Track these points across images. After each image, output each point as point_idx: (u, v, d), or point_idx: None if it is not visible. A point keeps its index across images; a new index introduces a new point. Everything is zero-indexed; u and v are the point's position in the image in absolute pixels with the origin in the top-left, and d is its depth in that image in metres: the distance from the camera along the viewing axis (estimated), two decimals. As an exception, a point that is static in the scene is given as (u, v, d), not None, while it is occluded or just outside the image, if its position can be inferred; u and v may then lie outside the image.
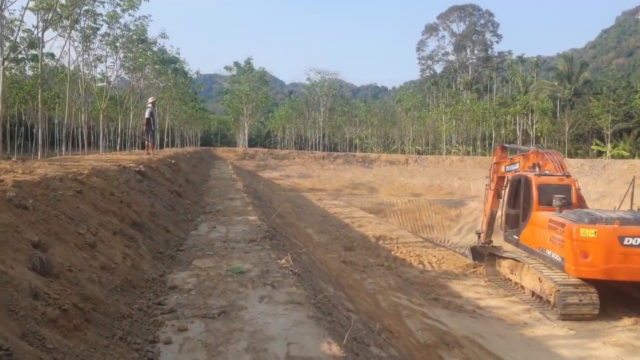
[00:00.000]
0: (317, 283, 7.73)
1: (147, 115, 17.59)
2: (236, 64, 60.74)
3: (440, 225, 38.00)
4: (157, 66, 37.74)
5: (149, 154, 17.48)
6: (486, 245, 19.23)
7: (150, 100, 18.55)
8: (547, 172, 14.49)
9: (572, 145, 62.55)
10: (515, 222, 15.08)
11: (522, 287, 14.46)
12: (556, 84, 77.51)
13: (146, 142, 18.55)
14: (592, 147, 56.80)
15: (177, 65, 44.14)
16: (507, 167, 17.44)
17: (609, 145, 53.47)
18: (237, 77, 61.11)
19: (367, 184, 45.08)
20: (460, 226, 37.30)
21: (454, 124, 69.37)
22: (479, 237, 19.56)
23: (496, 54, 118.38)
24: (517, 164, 16.80)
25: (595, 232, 11.79)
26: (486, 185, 19.54)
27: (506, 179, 16.74)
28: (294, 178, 45.80)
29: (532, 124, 69.94)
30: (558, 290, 12.45)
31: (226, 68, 61.77)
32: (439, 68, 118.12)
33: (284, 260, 7.12)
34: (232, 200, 14.59)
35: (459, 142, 71.90)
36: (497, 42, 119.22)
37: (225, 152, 51.83)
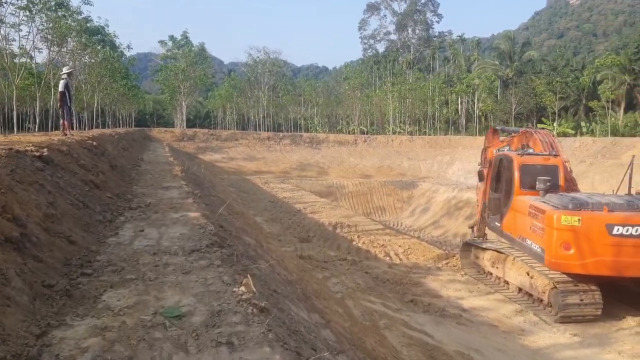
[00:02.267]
0: (288, 313, 5.47)
1: (61, 88, 14.61)
2: (171, 37, 56.65)
3: (392, 207, 36.61)
4: (82, 39, 33.92)
5: (65, 134, 14.54)
6: (480, 239, 17.30)
7: (65, 70, 15.56)
8: (531, 150, 12.74)
9: (516, 124, 62.57)
10: (498, 207, 13.31)
11: (507, 282, 12.75)
12: (497, 63, 77.77)
13: (61, 120, 15.53)
14: (539, 125, 56.82)
15: (104, 37, 40.08)
16: (498, 150, 15.66)
17: (555, 124, 53.53)
18: (173, 53, 57.00)
19: (316, 166, 42.99)
20: (412, 208, 36.02)
21: (400, 103, 68.10)
22: (472, 230, 17.52)
23: (437, 34, 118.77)
24: (508, 146, 15.08)
25: (579, 219, 10.08)
26: (479, 171, 17.59)
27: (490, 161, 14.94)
28: (238, 160, 43.07)
29: (475, 103, 69.76)
30: (555, 288, 10.76)
31: (160, 42, 57.51)
32: (381, 47, 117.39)
33: (242, 288, 4.80)
34: (168, 189, 12.01)
35: (403, 121, 70.79)
36: (438, 22, 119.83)
37: (162, 133, 48.24)
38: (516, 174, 12.24)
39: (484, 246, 13.53)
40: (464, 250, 14.51)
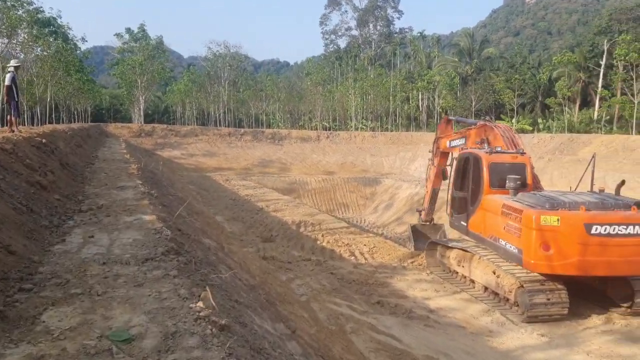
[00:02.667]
0: (251, 328, 5.06)
1: (7, 82, 13.70)
2: (128, 30, 54.96)
3: (355, 204, 36.46)
4: (33, 30, 32.47)
5: (12, 131, 13.65)
6: (427, 223, 17.70)
7: (12, 63, 14.63)
8: (499, 149, 12.62)
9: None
10: (463, 206, 13.15)
11: (472, 281, 12.62)
12: (457, 60, 78.80)
13: (8, 116, 14.59)
14: (498, 122, 57.69)
15: (56, 29, 38.50)
16: (451, 141, 15.53)
17: (513, 120, 54.46)
18: (130, 46, 55.31)
19: (278, 162, 42.47)
20: (375, 204, 35.96)
21: (362, 99, 68.15)
22: (420, 214, 17.94)
23: (397, 30, 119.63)
24: (463, 139, 14.94)
25: (558, 219, 9.97)
26: (429, 160, 17.70)
27: (451, 155, 14.77)
28: (198, 157, 42.14)
29: (435, 99, 70.47)
30: (521, 287, 10.65)
31: (117, 35, 55.67)
32: (342, 43, 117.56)
33: (200, 304, 4.36)
34: (123, 189, 11.38)
35: (365, 118, 70.89)
36: (399, 18, 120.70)
37: (118, 128, 46.79)
38: (485, 173, 12.08)
39: (450, 245, 13.37)
40: (430, 249, 14.34)
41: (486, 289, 12.04)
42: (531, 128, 54.13)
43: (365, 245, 16.53)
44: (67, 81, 44.36)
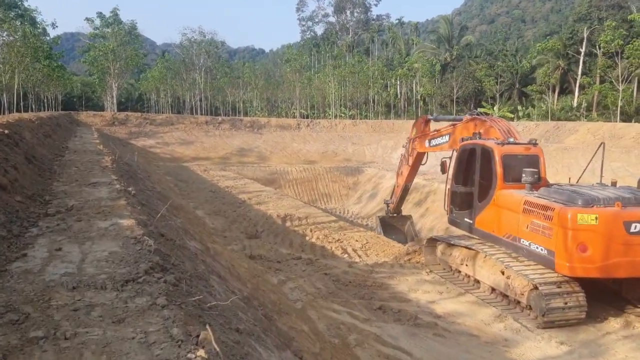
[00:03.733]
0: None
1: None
2: (100, 15, 52.68)
3: (338, 194, 35.58)
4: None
5: (-30, 121, 12.29)
6: (395, 215, 18.04)
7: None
8: (511, 140, 11.74)
9: (456, 108, 63.09)
10: (467, 202, 12.26)
11: (477, 281, 11.79)
12: (436, 47, 78.16)
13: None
14: (480, 109, 57.28)
15: (23, 12, 36.48)
16: (431, 140, 14.69)
17: (495, 108, 54.07)
18: (102, 31, 53.11)
19: (257, 151, 41.25)
20: (359, 194, 35.13)
21: (341, 86, 67.08)
22: (388, 206, 17.96)
23: (375, 17, 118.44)
24: (447, 136, 14.07)
25: (596, 217, 9.13)
26: (402, 155, 17.03)
27: (452, 151, 13.80)
28: (174, 146, 40.65)
29: (413, 87, 69.82)
30: (535, 290, 9.84)
31: (87, 20, 53.27)
32: (319, 30, 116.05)
33: (200, 353, 3.33)
34: (96, 186, 10.20)
35: (344, 105, 69.88)
36: (376, 4, 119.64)
37: (90, 117, 44.89)
38: (498, 166, 11.17)
39: (452, 242, 12.49)
40: (429, 246, 13.46)
41: (493, 290, 11.23)
42: (512, 115, 53.82)
43: (357, 241, 15.59)
44: (36, 68, 42.32)
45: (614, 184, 10.93)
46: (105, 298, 4.32)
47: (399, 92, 73.16)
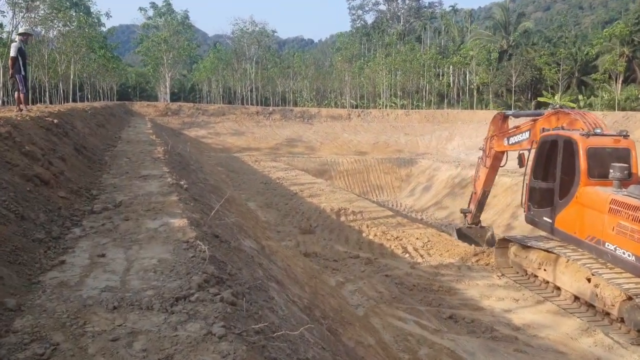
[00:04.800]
0: None
1: (12, 52, 11.93)
2: (153, 5, 53.08)
3: (390, 186, 34.48)
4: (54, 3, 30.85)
5: (21, 109, 11.95)
6: (473, 226, 15.79)
7: (20, 30, 12.91)
8: (598, 130, 10.47)
9: (512, 98, 60.52)
10: (547, 199, 11.05)
11: (557, 288, 10.61)
12: (491, 34, 75.22)
13: (15, 93, 12.87)
14: (540, 99, 54.75)
15: (77, 2, 36.85)
16: (510, 138, 13.31)
17: (556, 97, 51.44)
18: (155, 21, 53.48)
19: (307, 142, 40.55)
20: (412, 187, 33.93)
21: (392, 75, 65.47)
22: (465, 216, 16.05)
23: (427, 4, 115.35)
24: (527, 133, 12.72)
25: None
26: (479, 158, 15.54)
27: (532, 142, 12.49)
28: (226, 136, 40.44)
29: (467, 76, 67.40)
30: (629, 301, 8.63)
31: (141, 10, 53.80)
32: (369, 18, 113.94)
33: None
34: (147, 180, 9.61)
35: (396, 95, 68.22)
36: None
37: (144, 107, 45.27)
38: (582, 160, 9.94)
39: (528, 244, 11.32)
40: (500, 247, 12.33)
41: (577, 299, 10.04)
42: (574, 105, 51.01)
43: (417, 239, 14.57)
44: (91, 58, 42.89)
45: None
46: (152, 323, 3.58)
47: (451, 81, 70.89)
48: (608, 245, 9.19)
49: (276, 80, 67.80)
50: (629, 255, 8.70)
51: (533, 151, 11.71)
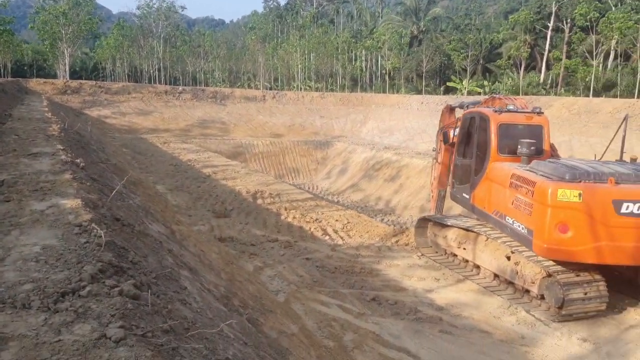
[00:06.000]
0: None
1: None
2: (50, -26, 48.88)
3: (306, 168, 34.14)
4: None
5: None
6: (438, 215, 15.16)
7: None
8: (510, 107, 10.50)
9: (420, 83, 62.06)
10: (467, 175, 11.02)
11: (477, 267, 10.62)
12: (402, 19, 76.74)
13: None
14: (449, 84, 56.48)
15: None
16: (455, 130, 12.99)
17: (465, 82, 53.23)
18: (52, -8, 49.33)
19: (221, 123, 39.20)
20: (328, 169, 33.80)
21: (306, 58, 64.97)
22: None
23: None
24: None
25: (579, 194, 7.96)
26: (432, 158, 14.75)
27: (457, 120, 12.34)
28: (131, 116, 38.19)
29: (379, 60, 68.32)
30: (549, 278, 8.71)
31: (36, -20, 49.29)
32: (282, 0, 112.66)
33: None
34: (37, 157, 8.44)
35: (310, 78, 67.89)
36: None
37: (41, 84, 41.74)
38: (493, 136, 9.95)
39: (447, 223, 11.25)
40: (420, 227, 12.20)
41: (496, 277, 10.07)
42: (480, 90, 53.14)
43: (337, 220, 14.22)
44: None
45: (633, 160, 9.81)
46: (27, 325, 2.80)
47: (364, 66, 71.57)
48: (508, 219, 9.25)
49: (186, 60, 65.21)
50: (522, 228, 8.78)
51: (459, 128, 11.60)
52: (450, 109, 13.67)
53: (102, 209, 5.72)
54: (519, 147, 9.76)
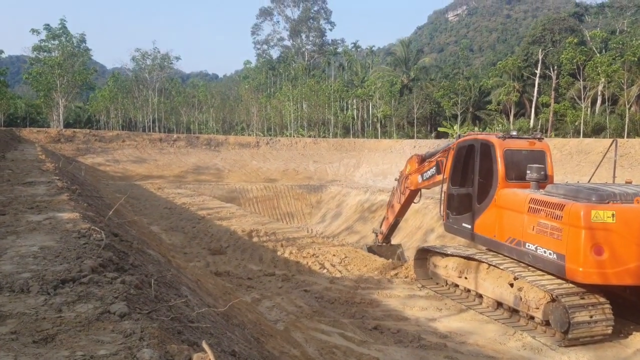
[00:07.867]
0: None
1: None
2: (46, 26, 49.74)
3: (300, 212, 33.94)
4: None
5: None
6: (384, 244, 15.65)
7: None
8: (514, 133, 10.56)
9: (411, 130, 62.87)
10: (466, 205, 10.92)
11: (480, 296, 10.40)
12: (392, 69, 78.47)
13: None
14: (440, 129, 57.21)
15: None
16: (424, 174, 13.11)
17: (456, 127, 53.98)
18: (47, 44, 50.01)
19: (215, 169, 39.22)
20: (322, 213, 33.62)
21: (299, 107, 65.89)
22: (377, 236, 15.89)
23: (330, 41, 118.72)
24: (435, 166, 12.61)
25: (612, 214, 7.89)
26: (394, 188, 15.20)
27: (449, 150, 12.34)
28: (125, 163, 38.17)
29: (370, 109, 69.37)
30: (554, 302, 8.51)
31: (33, 31, 50.05)
32: (275, 53, 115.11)
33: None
34: (32, 185, 8.35)
35: (302, 126, 68.67)
36: (331, 29, 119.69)
37: (34, 133, 41.86)
38: (500, 162, 9.90)
39: (447, 252, 11.09)
40: (419, 258, 12.03)
41: (499, 304, 9.85)
42: (471, 136, 53.78)
43: (334, 255, 14.02)
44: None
45: (628, 183, 9.82)
46: (26, 305, 2.67)
47: (355, 114, 72.69)
48: (528, 246, 9.09)
49: (180, 110, 65.81)
50: (549, 254, 8.61)
51: (450, 157, 11.60)
52: (420, 158, 13.60)
53: (100, 223, 5.61)
54: (528, 172, 9.69)
